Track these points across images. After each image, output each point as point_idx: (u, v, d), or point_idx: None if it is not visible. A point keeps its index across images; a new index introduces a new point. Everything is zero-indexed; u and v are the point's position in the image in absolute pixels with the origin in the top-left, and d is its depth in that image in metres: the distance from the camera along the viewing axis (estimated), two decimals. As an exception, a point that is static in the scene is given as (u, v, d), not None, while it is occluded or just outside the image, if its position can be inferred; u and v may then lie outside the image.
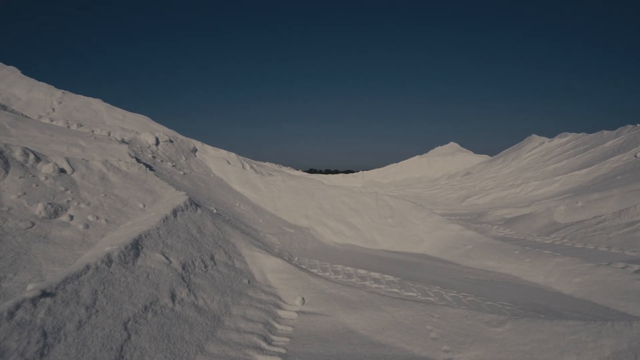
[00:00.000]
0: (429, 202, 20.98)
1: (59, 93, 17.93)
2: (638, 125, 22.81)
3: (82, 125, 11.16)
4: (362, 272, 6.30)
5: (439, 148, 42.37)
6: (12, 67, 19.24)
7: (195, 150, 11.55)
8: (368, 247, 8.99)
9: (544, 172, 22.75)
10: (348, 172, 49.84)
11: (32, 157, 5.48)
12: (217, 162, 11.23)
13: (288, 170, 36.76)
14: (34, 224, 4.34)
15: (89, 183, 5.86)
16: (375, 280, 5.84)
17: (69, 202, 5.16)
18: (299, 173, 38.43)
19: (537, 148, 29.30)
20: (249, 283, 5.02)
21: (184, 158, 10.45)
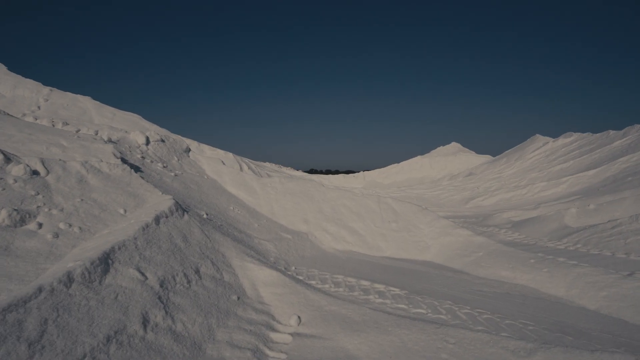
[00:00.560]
0: (433, 203, 20.37)
1: (46, 90, 17.18)
2: (646, 125, 22.26)
3: (67, 124, 10.60)
4: (365, 283, 5.73)
5: (441, 148, 41.82)
6: None
7: (189, 151, 10.98)
8: (371, 254, 8.41)
9: (550, 172, 22.14)
10: (349, 172, 49.28)
11: (0, 157, 4.92)
12: (211, 162, 10.66)
13: (288, 171, 36.19)
14: (-8, 234, 3.78)
15: (65, 186, 5.29)
16: (380, 294, 5.27)
17: (39, 207, 4.60)
18: (299, 173, 37.87)
19: (541, 148, 28.70)
20: (239, 300, 4.46)
21: (176, 158, 9.88)
